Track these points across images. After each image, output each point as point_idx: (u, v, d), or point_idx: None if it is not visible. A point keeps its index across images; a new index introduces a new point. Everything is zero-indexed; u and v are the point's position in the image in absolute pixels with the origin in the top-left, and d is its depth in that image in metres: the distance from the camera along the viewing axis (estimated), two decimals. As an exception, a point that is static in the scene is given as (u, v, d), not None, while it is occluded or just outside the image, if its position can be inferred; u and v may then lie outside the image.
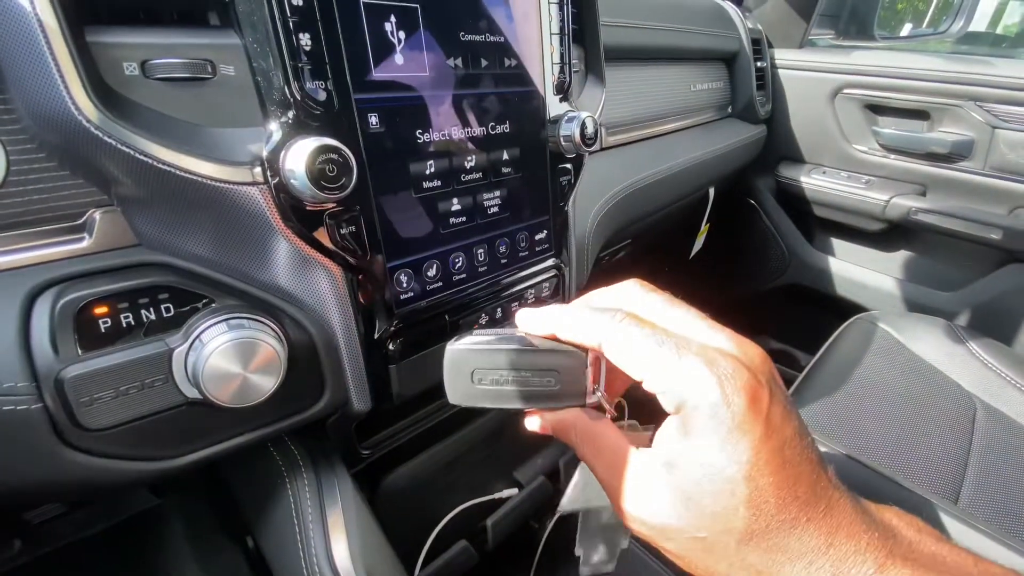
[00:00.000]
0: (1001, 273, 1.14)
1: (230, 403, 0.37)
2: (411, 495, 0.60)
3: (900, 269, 1.31)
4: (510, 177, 0.53)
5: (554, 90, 0.55)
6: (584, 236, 0.72)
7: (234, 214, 0.37)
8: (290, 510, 0.47)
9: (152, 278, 0.38)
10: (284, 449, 0.51)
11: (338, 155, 0.36)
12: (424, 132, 0.44)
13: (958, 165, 1.14)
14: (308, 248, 0.39)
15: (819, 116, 1.30)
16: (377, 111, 0.40)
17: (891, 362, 0.96)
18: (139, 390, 0.36)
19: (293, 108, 0.36)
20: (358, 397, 0.47)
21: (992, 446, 0.81)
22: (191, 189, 0.35)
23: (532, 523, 0.77)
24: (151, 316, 0.37)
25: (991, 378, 0.91)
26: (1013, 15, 4.00)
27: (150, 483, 0.41)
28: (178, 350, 0.37)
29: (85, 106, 0.31)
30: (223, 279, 0.40)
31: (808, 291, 1.44)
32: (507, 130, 0.51)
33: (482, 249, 0.52)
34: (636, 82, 0.95)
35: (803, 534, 0.22)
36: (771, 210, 1.45)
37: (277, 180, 0.36)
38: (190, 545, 0.77)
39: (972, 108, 1.08)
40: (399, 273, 0.45)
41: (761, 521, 0.22)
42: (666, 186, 0.96)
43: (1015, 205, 1.09)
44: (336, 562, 0.44)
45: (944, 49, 1.50)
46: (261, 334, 0.38)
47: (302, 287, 0.41)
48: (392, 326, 0.46)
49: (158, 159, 0.33)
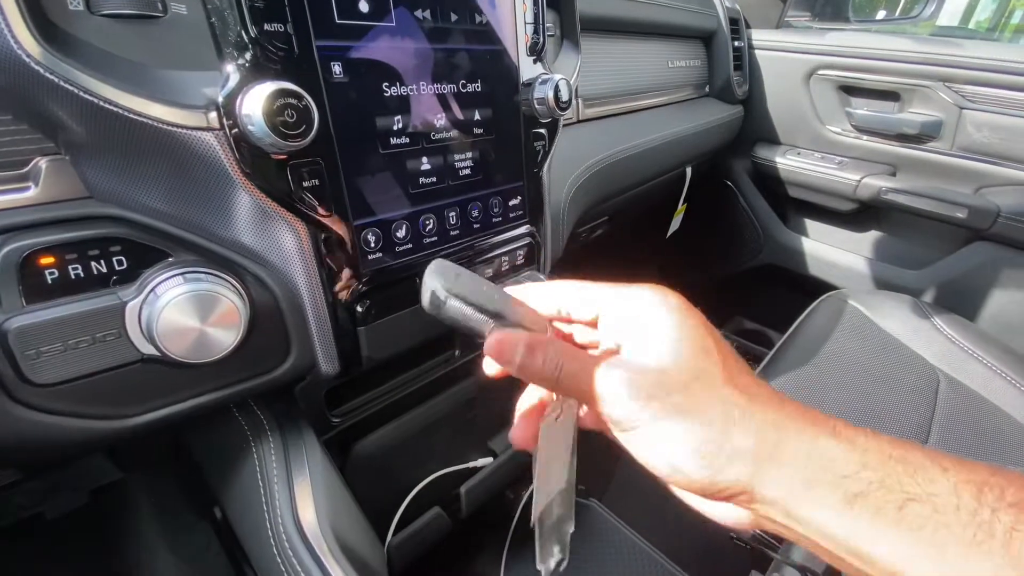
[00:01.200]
0: (966, 251, 1.17)
1: (187, 357, 0.36)
2: (383, 462, 0.59)
3: (871, 248, 1.34)
4: (482, 139, 0.52)
5: (527, 51, 0.54)
6: (559, 205, 0.72)
7: (189, 163, 0.35)
8: (255, 474, 0.46)
9: (103, 229, 0.36)
10: (250, 414, 0.50)
11: (298, 100, 0.35)
12: (391, 86, 0.43)
13: (927, 145, 1.16)
14: (269, 201, 0.38)
15: (794, 97, 1.31)
16: (341, 60, 0.39)
17: (859, 337, 0.98)
18: (90, 344, 0.35)
19: (250, 50, 0.34)
20: (325, 359, 0.46)
21: (953, 415, 0.84)
22: (141, 134, 0.33)
23: (508, 493, 0.77)
24: (102, 269, 0.36)
25: (954, 351, 0.94)
26: (984, 11, 4.10)
27: (106, 444, 0.39)
28: (131, 303, 0.35)
29: (26, 41, 0.29)
30: (181, 234, 0.38)
31: (782, 271, 1.47)
32: (478, 89, 0.50)
33: (454, 212, 0.51)
34: (614, 55, 0.95)
35: (763, 389, 0.26)
36: (747, 191, 1.47)
37: (233, 126, 0.35)
38: (158, 523, 0.76)
39: (941, 89, 1.10)
40: (366, 232, 0.44)
41: (732, 369, 0.25)
42: (643, 161, 0.96)
43: (980, 184, 1.12)
44: (303, 525, 0.43)
45: (916, 35, 1.53)
46: (220, 288, 0.37)
47: (265, 243, 0.40)
48: (360, 287, 0.45)
49: (104, 98, 0.31)
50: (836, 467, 0.23)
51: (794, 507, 0.23)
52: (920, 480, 0.22)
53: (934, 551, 0.21)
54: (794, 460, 0.23)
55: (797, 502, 0.23)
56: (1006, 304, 1.14)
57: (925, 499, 0.22)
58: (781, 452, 0.23)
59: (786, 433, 0.24)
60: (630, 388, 0.24)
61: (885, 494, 0.22)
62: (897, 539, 0.21)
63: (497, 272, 0.58)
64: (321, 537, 0.43)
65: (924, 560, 0.21)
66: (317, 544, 0.41)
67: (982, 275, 1.15)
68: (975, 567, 0.20)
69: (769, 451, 0.23)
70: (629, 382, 0.24)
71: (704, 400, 0.24)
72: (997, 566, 0.20)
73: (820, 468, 0.23)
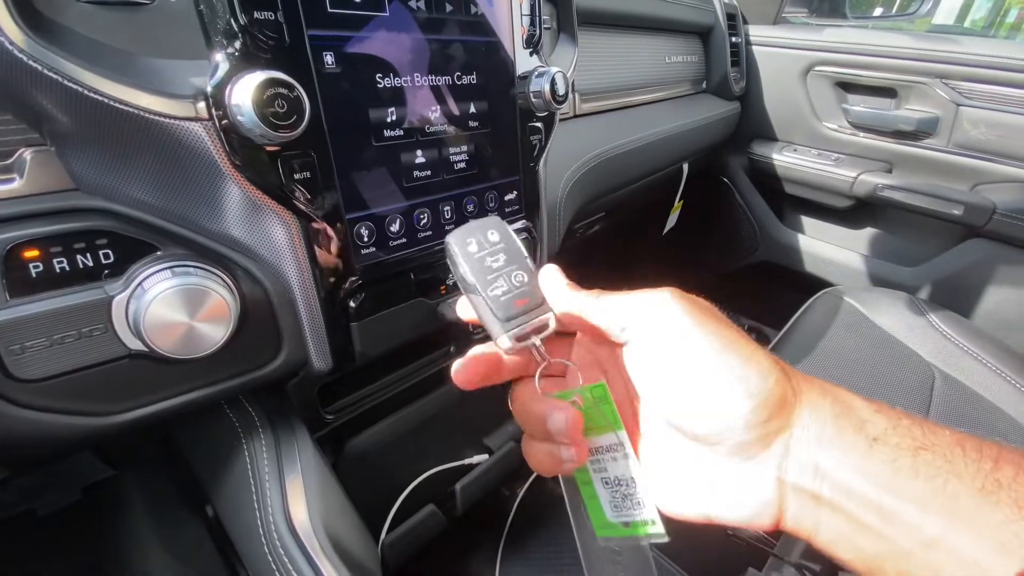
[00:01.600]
0: (962, 248, 1.17)
1: (175, 353, 0.35)
2: (377, 459, 0.58)
3: (867, 246, 1.34)
4: (478, 132, 0.51)
5: (523, 43, 0.53)
6: (556, 201, 0.71)
7: (177, 154, 0.35)
8: (246, 472, 0.45)
9: (89, 222, 0.35)
10: (241, 411, 0.49)
11: (288, 90, 0.34)
12: (385, 77, 0.42)
13: (923, 142, 1.16)
14: (260, 194, 0.37)
15: (791, 94, 1.31)
16: (333, 50, 0.38)
17: (855, 334, 0.98)
18: (75, 339, 0.34)
19: (239, 39, 0.34)
20: (317, 355, 0.45)
21: (948, 413, 0.84)
22: (128, 124, 0.33)
23: (504, 490, 0.76)
24: (88, 262, 0.35)
25: (950, 349, 0.94)
26: (980, 9, 4.11)
27: (94, 441, 0.39)
28: (118, 297, 0.35)
29: (9, 28, 0.29)
30: (169, 227, 0.38)
31: (779, 268, 1.46)
32: (474, 81, 0.49)
33: (448, 206, 0.51)
34: (611, 49, 0.94)
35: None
36: (744, 188, 1.47)
37: (223, 116, 0.34)
38: (151, 521, 0.75)
39: (937, 85, 1.10)
40: (359, 226, 0.44)
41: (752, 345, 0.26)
42: (640, 156, 0.96)
43: (976, 181, 1.12)
44: (295, 524, 0.43)
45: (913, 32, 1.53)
46: (209, 282, 0.36)
47: (256, 237, 0.39)
48: (353, 282, 0.45)
49: (89, 87, 0.31)
50: (856, 411, 0.24)
51: (824, 455, 0.24)
52: (926, 431, 0.23)
53: (949, 502, 0.21)
54: (822, 401, 0.25)
55: (828, 446, 0.24)
56: (1002, 301, 1.14)
57: (934, 448, 0.23)
58: (816, 396, 0.25)
59: (811, 384, 0.26)
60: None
61: (899, 439, 0.23)
62: (915, 490, 0.22)
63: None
64: (313, 535, 0.42)
65: (940, 511, 0.21)
66: (309, 543, 0.41)
67: (978, 272, 1.15)
68: (987, 517, 0.21)
69: (807, 393, 0.25)
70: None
71: (758, 360, 0.25)
72: (1007, 517, 0.20)
73: (845, 408, 0.25)
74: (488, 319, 0.31)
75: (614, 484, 0.30)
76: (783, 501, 0.25)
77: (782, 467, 0.24)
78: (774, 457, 0.25)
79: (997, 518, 0.21)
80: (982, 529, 0.21)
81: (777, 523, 0.25)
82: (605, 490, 0.30)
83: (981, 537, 0.21)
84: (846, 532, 0.24)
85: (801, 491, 0.24)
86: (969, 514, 0.21)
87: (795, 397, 0.25)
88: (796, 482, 0.24)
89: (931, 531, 0.21)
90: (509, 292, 0.31)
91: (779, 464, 0.25)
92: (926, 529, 0.22)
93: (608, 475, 0.30)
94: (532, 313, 0.30)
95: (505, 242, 0.33)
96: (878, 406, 0.25)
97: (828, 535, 0.24)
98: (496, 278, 0.31)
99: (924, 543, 0.22)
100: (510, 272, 0.31)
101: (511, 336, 0.29)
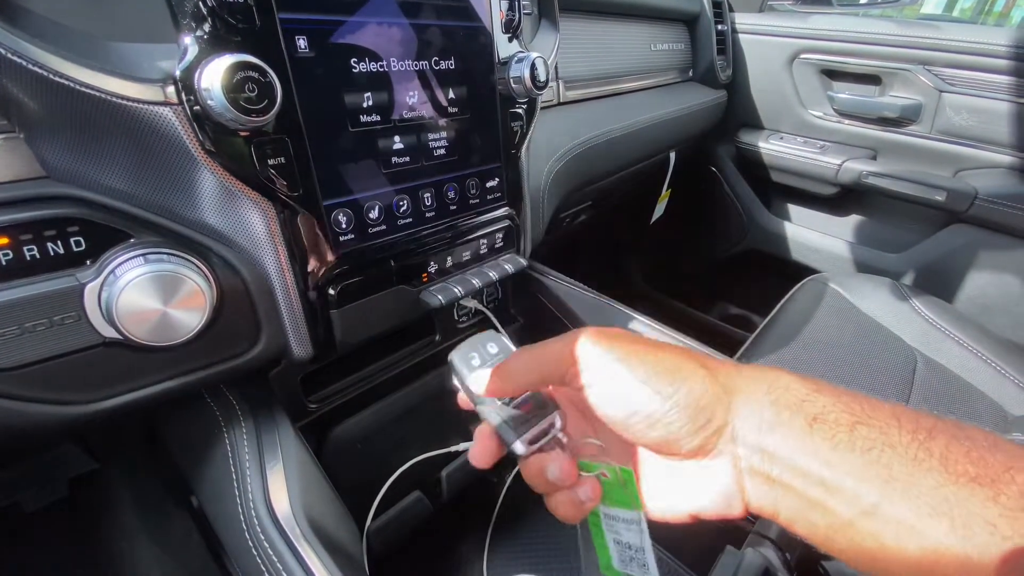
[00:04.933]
0: (944, 234, 1.19)
1: (149, 340, 0.35)
2: (363, 447, 0.58)
3: (852, 232, 1.35)
4: (457, 118, 0.51)
5: (503, 28, 0.53)
6: (539, 188, 0.71)
7: (148, 140, 0.34)
8: (228, 461, 0.45)
9: (60, 210, 0.35)
10: (222, 400, 0.49)
11: (258, 73, 0.34)
12: (360, 62, 0.42)
13: (907, 129, 1.17)
14: (234, 180, 0.37)
15: (777, 82, 1.31)
16: (306, 34, 0.38)
17: (839, 319, 0.99)
18: (47, 327, 0.34)
19: (208, 22, 0.33)
20: (297, 343, 0.45)
21: (929, 395, 0.85)
22: (96, 110, 0.32)
23: (491, 477, 0.77)
24: (59, 250, 0.34)
25: (932, 333, 0.95)
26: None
27: (72, 431, 0.38)
28: (90, 285, 0.34)
29: (-31, 12, 0.28)
30: (143, 214, 0.37)
31: (766, 256, 1.47)
32: (452, 67, 0.49)
33: (429, 193, 0.50)
34: (595, 37, 0.94)
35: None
36: (731, 177, 1.47)
37: (194, 102, 0.33)
38: (139, 513, 0.75)
39: (920, 72, 1.11)
40: (337, 213, 0.43)
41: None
42: (625, 145, 0.96)
43: (959, 167, 1.13)
44: (276, 511, 0.43)
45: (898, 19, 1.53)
46: (183, 269, 0.36)
47: (231, 224, 0.39)
48: (332, 269, 0.45)
49: (55, 71, 0.30)
50: (794, 392, 0.25)
51: (767, 439, 0.25)
52: (864, 406, 0.24)
53: (884, 471, 0.22)
54: (756, 388, 0.26)
55: (769, 430, 0.25)
56: (984, 286, 1.16)
57: (871, 422, 0.24)
58: (749, 387, 0.26)
59: (743, 375, 0.27)
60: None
61: (837, 416, 0.24)
62: (852, 463, 0.23)
63: (476, 255, 0.57)
64: (295, 523, 0.42)
65: (876, 480, 0.22)
66: (291, 530, 0.41)
67: (960, 257, 1.17)
68: (919, 483, 0.22)
69: (740, 387, 0.26)
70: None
71: (683, 375, 0.27)
72: (937, 482, 0.22)
73: (783, 391, 0.26)
74: (501, 430, 0.31)
75: (624, 547, 0.32)
76: (743, 486, 0.26)
77: (735, 456, 0.26)
78: (725, 447, 0.26)
79: (928, 483, 0.22)
80: (915, 495, 0.22)
81: (745, 508, 0.27)
82: (616, 547, 0.32)
83: (914, 501, 0.22)
84: (799, 508, 0.24)
85: (756, 474, 0.25)
86: (903, 481, 0.22)
87: (728, 394, 0.26)
88: (749, 466, 0.26)
89: (868, 499, 0.22)
90: (516, 400, 0.32)
91: (732, 454, 0.26)
92: (863, 498, 0.23)
93: (621, 539, 0.32)
94: (539, 415, 0.31)
95: (503, 353, 0.34)
96: (817, 385, 0.26)
97: (787, 513, 0.25)
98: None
99: (863, 512, 0.23)
100: None
101: (524, 442, 0.30)
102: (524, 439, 0.30)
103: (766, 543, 0.43)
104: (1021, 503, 0.21)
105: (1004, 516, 0.20)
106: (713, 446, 0.26)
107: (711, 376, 0.27)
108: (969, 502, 0.21)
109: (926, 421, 0.24)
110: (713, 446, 0.26)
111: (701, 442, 0.26)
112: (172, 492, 0.71)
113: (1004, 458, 0.22)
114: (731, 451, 0.26)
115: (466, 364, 0.34)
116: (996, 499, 0.21)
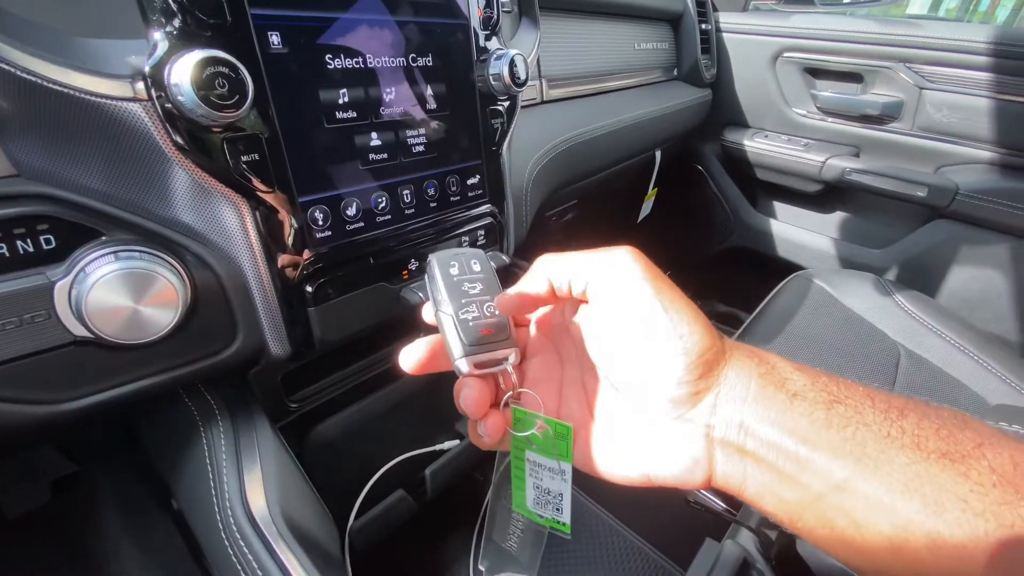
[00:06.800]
0: (926, 229, 1.20)
1: (121, 338, 0.35)
2: (344, 446, 0.58)
3: (836, 229, 1.36)
4: (436, 115, 0.51)
5: (480, 24, 0.53)
6: (522, 186, 0.71)
7: (119, 137, 0.34)
8: (204, 462, 0.45)
9: (30, 208, 0.34)
10: (200, 398, 0.48)
11: (228, 68, 0.33)
12: (335, 58, 0.42)
13: (888, 126, 1.18)
14: (207, 177, 0.37)
15: (761, 80, 1.32)
16: (279, 29, 0.38)
17: (824, 315, 1.00)
18: (17, 326, 0.33)
19: (178, 17, 0.33)
20: (274, 341, 0.45)
21: (913, 388, 0.86)
22: (65, 106, 0.32)
23: (477, 475, 0.77)
24: (29, 248, 0.34)
25: (914, 327, 0.97)
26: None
27: (46, 431, 0.38)
28: (60, 283, 0.34)
29: (-69, 7, 0.28)
30: (115, 212, 0.37)
31: (752, 253, 1.48)
32: (430, 63, 0.49)
33: (408, 190, 0.50)
34: (579, 36, 0.94)
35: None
36: (717, 175, 1.48)
37: (164, 98, 0.33)
38: (122, 516, 0.74)
39: (901, 69, 1.12)
40: (314, 209, 0.43)
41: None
42: (609, 143, 0.96)
43: (940, 164, 1.14)
44: (253, 511, 0.42)
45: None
46: (155, 266, 0.36)
47: (204, 221, 0.39)
48: (309, 267, 0.44)
49: (21, 67, 0.30)
50: (778, 370, 0.26)
51: (748, 411, 0.25)
52: (841, 387, 0.25)
53: (857, 448, 0.23)
54: (748, 361, 0.27)
55: (752, 403, 0.25)
56: (965, 280, 1.17)
57: (847, 401, 0.24)
58: (743, 359, 0.27)
59: (740, 348, 0.28)
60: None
61: (816, 394, 0.25)
62: (828, 439, 0.23)
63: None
64: (272, 522, 0.42)
65: (849, 457, 0.23)
66: (267, 528, 0.40)
67: (942, 252, 1.18)
68: (891, 460, 0.22)
69: (736, 357, 0.27)
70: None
71: (701, 324, 0.27)
72: (910, 459, 0.22)
73: (769, 368, 0.26)
74: (452, 340, 0.31)
75: (544, 491, 0.32)
76: (712, 456, 0.26)
77: (710, 423, 0.26)
78: (702, 414, 0.26)
79: (901, 460, 0.22)
80: (887, 471, 0.22)
81: (709, 479, 0.27)
82: (533, 490, 0.32)
83: (886, 478, 0.22)
84: (769, 483, 0.25)
85: (728, 445, 0.26)
86: (875, 458, 0.22)
87: (724, 358, 0.27)
88: (723, 436, 0.26)
89: (841, 475, 0.23)
90: (478, 319, 0.31)
91: (707, 421, 0.26)
92: (836, 473, 0.23)
93: (542, 484, 0.31)
94: (495, 344, 0.31)
95: (485, 274, 0.34)
96: (798, 366, 0.27)
97: (754, 488, 0.25)
98: (469, 303, 0.32)
99: (835, 486, 0.23)
100: (483, 302, 0.32)
101: (470, 362, 0.30)
102: (471, 359, 0.30)
103: (745, 532, 0.43)
104: (991, 479, 0.21)
105: (975, 492, 0.21)
106: (692, 406, 0.26)
107: (717, 337, 0.27)
108: (940, 478, 0.21)
109: (897, 401, 0.24)
110: (692, 406, 0.26)
111: (684, 395, 0.26)
112: (155, 494, 0.70)
113: (973, 435, 0.23)
114: (706, 418, 0.26)
115: (444, 270, 0.33)
116: (967, 475, 0.21)
